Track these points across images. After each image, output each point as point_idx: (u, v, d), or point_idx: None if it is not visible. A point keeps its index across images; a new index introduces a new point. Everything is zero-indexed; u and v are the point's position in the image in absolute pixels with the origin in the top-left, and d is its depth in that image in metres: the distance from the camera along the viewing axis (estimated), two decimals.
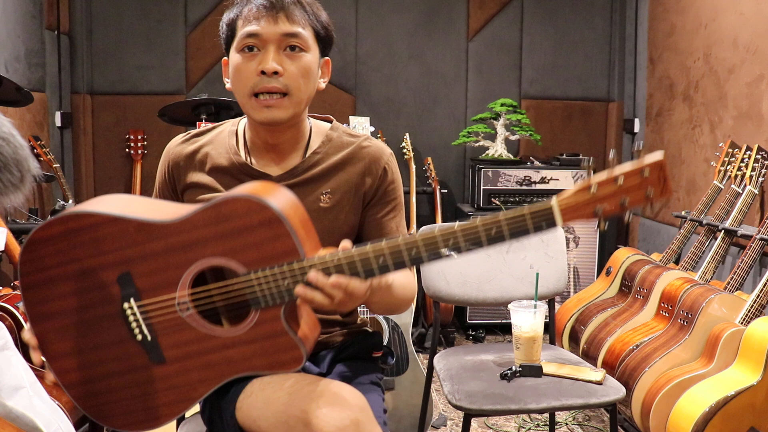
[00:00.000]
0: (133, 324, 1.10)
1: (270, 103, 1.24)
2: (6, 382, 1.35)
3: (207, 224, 1.06)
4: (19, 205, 1.04)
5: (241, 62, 1.25)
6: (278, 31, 1.23)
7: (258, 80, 1.23)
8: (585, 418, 2.72)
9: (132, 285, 1.08)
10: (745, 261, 2.35)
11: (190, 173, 1.36)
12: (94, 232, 1.09)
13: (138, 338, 1.10)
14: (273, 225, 1.04)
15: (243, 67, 1.25)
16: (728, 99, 2.96)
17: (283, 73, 1.23)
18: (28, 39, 3.31)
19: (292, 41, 1.24)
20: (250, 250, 1.05)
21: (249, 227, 1.05)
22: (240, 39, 1.25)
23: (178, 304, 1.08)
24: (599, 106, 4.14)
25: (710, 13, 3.11)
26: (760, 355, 1.92)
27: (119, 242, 1.08)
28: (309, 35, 1.26)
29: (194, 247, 1.07)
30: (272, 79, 1.23)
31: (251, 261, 1.05)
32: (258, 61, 1.23)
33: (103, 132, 3.86)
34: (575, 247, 3.68)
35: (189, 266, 1.08)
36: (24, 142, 0.98)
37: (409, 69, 4.01)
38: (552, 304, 2.17)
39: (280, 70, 1.22)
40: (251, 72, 1.24)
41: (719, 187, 2.78)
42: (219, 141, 1.37)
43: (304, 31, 1.25)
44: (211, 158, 1.36)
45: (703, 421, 1.89)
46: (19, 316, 1.95)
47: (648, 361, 2.24)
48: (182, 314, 1.08)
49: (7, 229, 2.24)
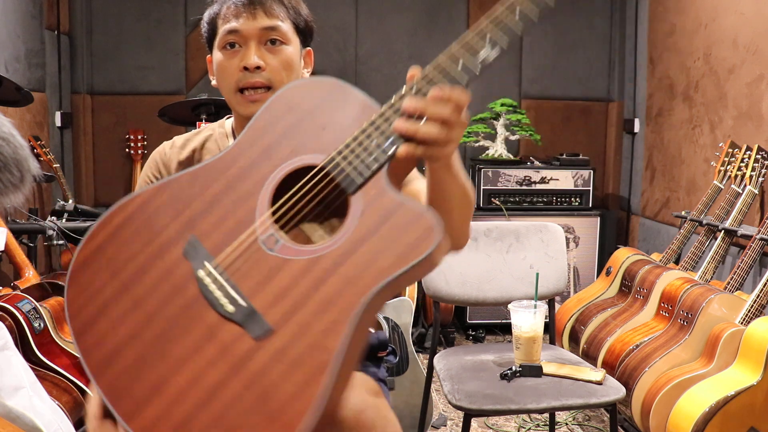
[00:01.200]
0: (216, 294, 0.85)
1: (255, 98, 1.25)
2: (6, 382, 1.36)
3: (263, 132, 0.91)
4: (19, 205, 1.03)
5: (224, 59, 1.27)
6: (257, 26, 1.24)
7: (241, 76, 1.25)
8: (585, 418, 2.72)
9: (200, 248, 0.87)
10: (745, 261, 2.35)
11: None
12: (143, 213, 0.92)
13: (229, 311, 0.83)
14: (336, 91, 0.91)
15: (226, 65, 1.26)
16: (728, 99, 2.96)
17: (265, 68, 1.24)
18: (28, 39, 3.31)
19: (272, 35, 1.25)
20: (322, 132, 0.89)
21: (311, 110, 0.90)
22: (221, 37, 1.27)
23: (263, 240, 0.86)
24: (599, 106, 4.14)
25: (710, 13, 3.11)
26: (760, 355, 1.92)
27: (174, 207, 0.91)
28: (288, 28, 1.27)
29: (258, 164, 0.90)
30: (255, 74, 1.24)
31: (328, 142, 0.88)
32: (240, 57, 1.25)
33: (103, 132, 3.86)
34: (575, 247, 3.68)
35: (260, 190, 0.88)
36: (24, 142, 0.98)
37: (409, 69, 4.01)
38: (552, 304, 2.18)
39: (262, 65, 1.24)
40: (234, 68, 1.25)
41: (719, 187, 2.78)
42: (211, 146, 1.36)
43: (283, 24, 1.26)
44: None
45: (703, 421, 1.89)
46: (19, 317, 1.95)
47: (648, 361, 2.24)
48: (272, 251, 0.85)
49: (7, 229, 2.24)
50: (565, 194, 3.67)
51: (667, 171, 3.55)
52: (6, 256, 2.44)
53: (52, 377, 1.95)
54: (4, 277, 2.83)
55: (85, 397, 1.95)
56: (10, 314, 1.94)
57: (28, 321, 1.98)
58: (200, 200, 0.90)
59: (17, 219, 2.73)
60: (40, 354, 1.98)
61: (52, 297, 2.24)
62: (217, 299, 0.84)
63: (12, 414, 1.31)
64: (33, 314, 2.01)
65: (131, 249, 0.90)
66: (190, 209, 0.90)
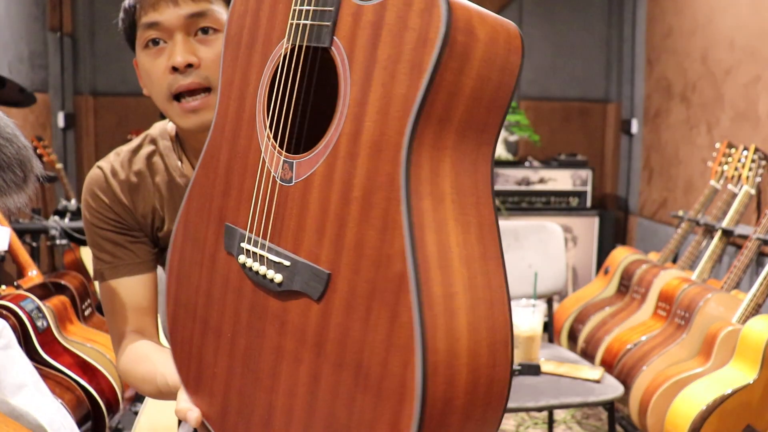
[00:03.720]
0: (262, 272, 0.71)
1: (194, 106, 0.99)
2: (10, 381, 1.37)
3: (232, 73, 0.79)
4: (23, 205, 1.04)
5: (148, 61, 1.02)
6: (181, 14, 0.98)
7: (172, 79, 0.99)
8: (583, 416, 2.73)
9: (235, 231, 0.76)
10: (742, 260, 2.36)
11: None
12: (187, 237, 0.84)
13: (278, 281, 0.69)
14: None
15: (151, 67, 1.01)
16: (725, 100, 2.97)
17: (199, 64, 0.98)
18: (31, 41, 3.33)
19: (201, 23, 0.99)
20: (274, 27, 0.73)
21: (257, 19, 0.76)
22: (140, 33, 1.02)
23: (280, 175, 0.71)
24: (597, 107, 4.15)
25: (707, 14, 3.13)
26: (756, 354, 1.93)
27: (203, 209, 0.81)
28: (220, 9, 1.01)
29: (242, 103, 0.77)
30: (188, 74, 0.98)
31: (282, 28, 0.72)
32: (167, 55, 0.99)
33: (105, 133, 3.88)
34: (573, 247, 3.69)
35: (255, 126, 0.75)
36: (27, 143, 0.99)
37: None
38: (550, 303, 2.19)
39: (194, 62, 0.98)
40: (161, 71, 1.00)
41: (716, 188, 2.79)
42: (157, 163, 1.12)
43: (214, 7, 1.00)
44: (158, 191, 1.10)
45: (700, 419, 1.90)
46: (23, 316, 1.97)
47: (645, 360, 2.25)
48: (291, 181, 0.69)
49: (10, 229, 2.26)
50: (564, 194, 3.68)
51: (664, 171, 3.56)
52: (9, 255, 2.45)
53: (55, 376, 1.96)
54: (8, 277, 2.85)
55: (87, 395, 1.96)
56: (14, 313, 1.95)
57: (32, 320, 1.99)
58: (218, 183, 0.79)
59: (20, 219, 2.75)
60: (44, 353, 1.99)
61: (55, 296, 2.25)
62: (264, 277, 0.70)
63: (15, 412, 1.32)
64: (36, 313, 2.03)
65: (193, 280, 0.82)
66: (214, 199, 0.79)
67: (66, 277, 2.41)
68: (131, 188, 1.10)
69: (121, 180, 1.10)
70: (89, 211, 1.11)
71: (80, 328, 2.26)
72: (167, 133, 1.14)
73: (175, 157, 1.11)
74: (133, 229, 1.11)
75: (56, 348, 2.06)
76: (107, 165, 1.13)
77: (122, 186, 1.10)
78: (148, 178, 1.11)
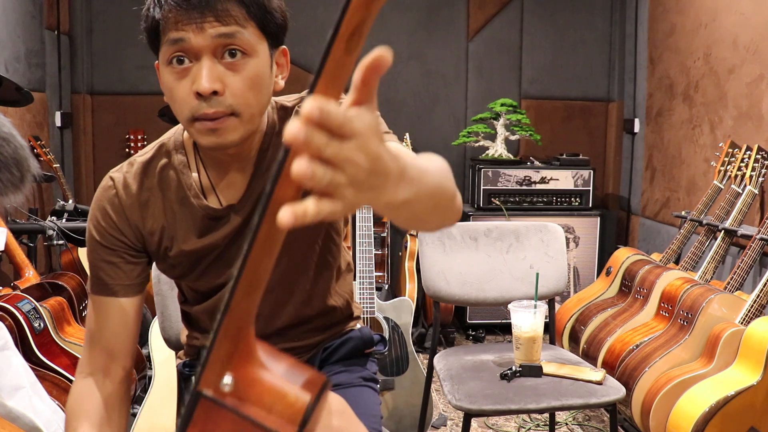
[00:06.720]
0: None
1: (214, 126, 0.96)
2: (6, 383, 1.36)
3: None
4: (19, 204, 1.03)
5: (172, 80, 0.97)
6: (208, 35, 0.94)
7: (196, 106, 0.95)
8: (585, 418, 2.72)
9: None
10: (745, 261, 2.35)
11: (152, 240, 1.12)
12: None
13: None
14: None
15: (175, 87, 0.97)
16: (728, 99, 2.96)
17: (223, 91, 0.95)
18: (28, 39, 3.31)
19: (230, 44, 0.95)
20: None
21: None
22: (165, 47, 0.97)
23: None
24: (599, 106, 4.14)
25: (710, 13, 3.11)
26: (760, 355, 1.92)
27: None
28: (252, 33, 0.97)
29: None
30: (212, 102, 0.95)
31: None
32: (191, 78, 0.96)
33: (103, 132, 3.86)
34: (575, 247, 3.68)
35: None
36: (24, 142, 0.98)
37: (409, 69, 4.01)
38: (552, 304, 2.17)
39: (219, 89, 0.95)
40: (185, 93, 0.96)
41: (719, 187, 2.78)
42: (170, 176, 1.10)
43: (244, 30, 0.96)
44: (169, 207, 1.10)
45: (703, 421, 1.89)
46: (19, 317, 1.95)
47: (648, 361, 2.24)
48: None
49: (7, 229, 2.24)
50: (565, 194, 3.67)
51: (667, 171, 3.55)
52: (6, 256, 2.44)
53: (52, 377, 1.95)
54: (4, 277, 2.83)
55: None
56: (10, 314, 1.94)
57: (28, 321, 1.98)
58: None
59: (17, 219, 2.73)
60: (40, 354, 1.98)
61: (52, 297, 2.24)
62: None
63: (12, 414, 1.30)
64: (33, 314, 2.01)
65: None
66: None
67: (63, 278, 2.39)
68: (141, 204, 1.10)
69: (132, 194, 1.10)
70: (96, 229, 1.11)
71: (77, 329, 2.24)
72: (182, 144, 1.12)
73: (189, 172, 1.10)
74: (134, 249, 1.12)
75: (53, 349, 2.04)
76: (120, 177, 1.12)
77: (132, 202, 1.10)
78: (159, 195, 1.10)
